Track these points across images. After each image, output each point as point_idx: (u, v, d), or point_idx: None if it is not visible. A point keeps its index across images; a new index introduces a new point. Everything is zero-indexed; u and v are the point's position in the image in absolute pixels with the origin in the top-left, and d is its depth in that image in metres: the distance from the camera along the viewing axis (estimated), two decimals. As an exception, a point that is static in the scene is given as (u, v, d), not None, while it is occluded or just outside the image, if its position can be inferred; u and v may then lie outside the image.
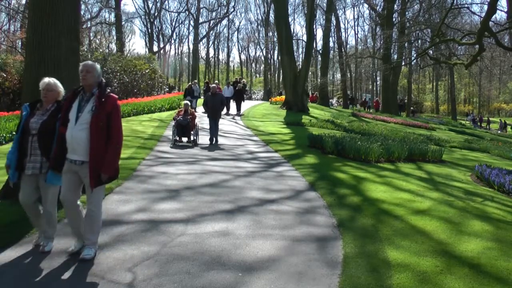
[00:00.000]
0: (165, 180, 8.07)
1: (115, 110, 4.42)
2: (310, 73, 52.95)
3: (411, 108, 47.06)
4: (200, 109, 21.59)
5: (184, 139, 13.25)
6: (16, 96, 22.71)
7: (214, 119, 13.46)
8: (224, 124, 17.78)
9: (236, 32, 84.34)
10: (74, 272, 4.18)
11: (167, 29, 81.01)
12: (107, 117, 4.35)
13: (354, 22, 77.87)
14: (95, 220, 4.49)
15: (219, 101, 13.64)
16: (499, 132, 44.34)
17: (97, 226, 4.54)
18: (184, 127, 12.92)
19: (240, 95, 23.84)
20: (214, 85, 15.37)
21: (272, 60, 75.04)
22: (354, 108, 43.89)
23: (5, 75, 23.21)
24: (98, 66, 4.50)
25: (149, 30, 65.61)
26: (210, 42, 77.93)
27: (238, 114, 23.22)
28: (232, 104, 24.44)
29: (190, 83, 26.96)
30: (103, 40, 41.81)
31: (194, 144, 12.87)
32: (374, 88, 74.33)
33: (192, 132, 13.03)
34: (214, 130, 13.46)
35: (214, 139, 13.44)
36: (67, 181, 4.45)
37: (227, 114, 22.16)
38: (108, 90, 4.46)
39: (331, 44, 50.75)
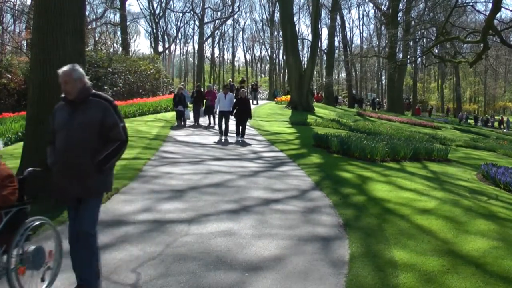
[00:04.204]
0: (170, 180, 8.08)
1: None
2: (315, 72, 52.76)
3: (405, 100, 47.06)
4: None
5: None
6: (21, 97, 22.78)
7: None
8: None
9: (241, 32, 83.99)
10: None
11: (172, 29, 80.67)
12: None
13: (359, 21, 77.71)
14: None
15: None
16: (505, 131, 44.13)
17: None
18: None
19: (244, 108, 14.48)
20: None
21: (277, 59, 74.75)
22: (364, 109, 43.22)
23: (10, 76, 23.32)
24: None
25: (154, 30, 65.43)
26: (215, 42, 77.88)
27: (241, 138, 14.31)
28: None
29: (180, 85, 21.07)
30: (108, 40, 41.92)
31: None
32: (380, 87, 74.10)
33: None
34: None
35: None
36: None
37: (225, 134, 14.80)
38: None
39: (336, 43, 50.87)
